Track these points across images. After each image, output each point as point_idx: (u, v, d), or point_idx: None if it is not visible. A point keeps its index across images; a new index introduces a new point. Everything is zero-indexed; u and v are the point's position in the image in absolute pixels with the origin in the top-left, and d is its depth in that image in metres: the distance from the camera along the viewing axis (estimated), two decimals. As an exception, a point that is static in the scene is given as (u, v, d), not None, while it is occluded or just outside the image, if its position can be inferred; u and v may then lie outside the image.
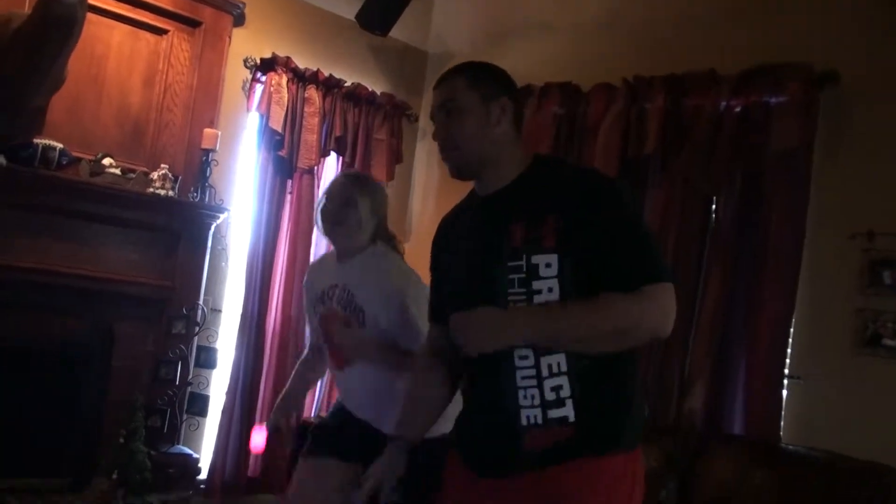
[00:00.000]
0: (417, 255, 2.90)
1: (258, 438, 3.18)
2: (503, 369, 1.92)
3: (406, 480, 2.82)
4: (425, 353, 2.32)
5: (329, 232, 2.95)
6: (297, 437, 4.29)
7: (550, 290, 1.87)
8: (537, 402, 1.90)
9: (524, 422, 1.91)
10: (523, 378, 1.90)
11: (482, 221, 2.07)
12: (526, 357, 1.90)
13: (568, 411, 1.88)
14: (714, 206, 4.29)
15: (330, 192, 2.94)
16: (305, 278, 3.22)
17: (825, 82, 3.90)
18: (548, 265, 1.87)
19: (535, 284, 1.88)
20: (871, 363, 3.72)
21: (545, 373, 1.89)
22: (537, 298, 1.88)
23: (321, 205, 2.96)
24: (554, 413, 1.89)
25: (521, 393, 1.90)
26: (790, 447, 3.70)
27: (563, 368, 1.88)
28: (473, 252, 2.05)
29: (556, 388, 1.88)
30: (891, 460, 3.37)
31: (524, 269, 1.89)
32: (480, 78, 2.05)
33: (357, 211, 2.86)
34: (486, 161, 2.03)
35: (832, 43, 3.97)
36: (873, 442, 3.56)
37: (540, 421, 1.89)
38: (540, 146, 4.64)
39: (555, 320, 1.86)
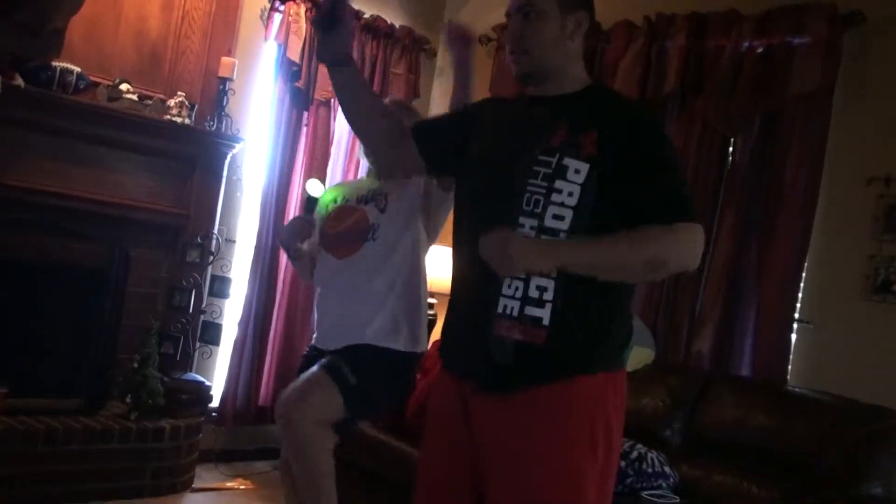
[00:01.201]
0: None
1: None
2: None
3: (376, 391, 2.92)
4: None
5: (368, 154, 3.04)
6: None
7: (570, 194, 1.89)
8: (519, 294, 1.92)
9: (500, 309, 1.93)
10: None
11: (528, 113, 2.09)
12: None
13: (544, 314, 1.90)
14: (731, 148, 4.26)
15: None
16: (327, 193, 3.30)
17: (849, 23, 3.84)
18: (577, 171, 1.90)
19: (558, 184, 1.90)
20: (881, 309, 3.72)
21: None
22: (554, 197, 1.90)
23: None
24: (530, 311, 1.91)
25: (506, 281, 1.92)
26: (795, 389, 3.72)
27: (554, 273, 1.89)
28: (509, 135, 2.07)
29: (541, 289, 1.91)
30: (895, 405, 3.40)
31: (553, 166, 1.91)
32: None
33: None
34: (552, 71, 2.04)
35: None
36: (880, 387, 3.58)
37: (515, 314, 1.92)
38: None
39: (592, 252, 1.86)
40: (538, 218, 1.91)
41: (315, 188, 3.06)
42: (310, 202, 3.05)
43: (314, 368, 2.89)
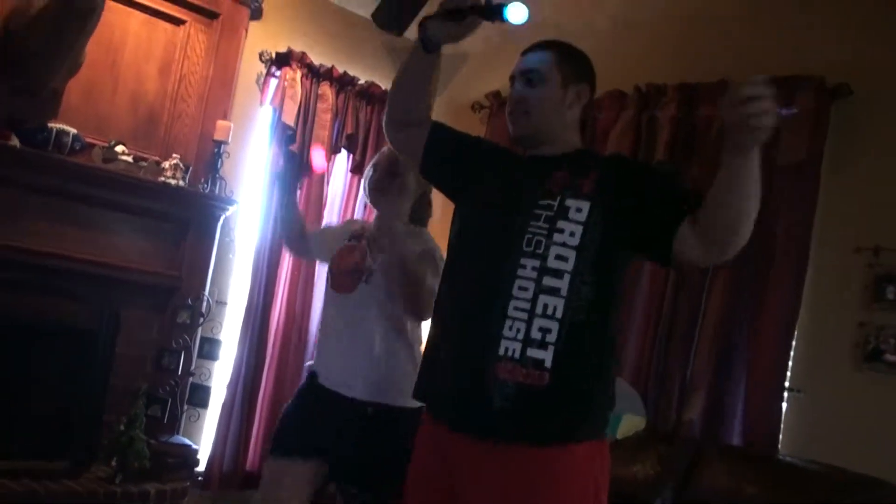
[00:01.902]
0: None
1: (319, 157, 3.07)
2: (499, 294, 1.94)
3: (376, 452, 2.86)
4: None
5: (374, 200, 3.04)
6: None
7: (573, 234, 1.92)
8: (521, 336, 1.91)
9: (501, 351, 1.92)
10: (515, 309, 1.92)
11: (528, 165, 2.13)
12: (525, 290, 1.91)
13: (547, 356, 1.89)
14: (721, 217, 4.28)
15: (377, 163, 3.04)
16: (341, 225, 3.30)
17: (836, 95, 3.91)
18: (578, 210, 1.93)
19: (560, 224, 1.93)
20: (871, 378, 3.72)
21: (539, 311, 1.91)
22: (556, 238, 1.92)
23: (368, 175, 3.06)
24: (533, 353, 1.90)
25: (507, 323, 1.92)
26: (787, 459, 3.70)
27: (558, 315, 1.90)
28: (510, 182, 2.10)
29: (545, 330, 1.90)
30: (889, 475, 3.36)
31: (554, 209, 1.94)
32: (568, 59, 2.13)
33: (401, 180, 2.95)
34: (548, 135, 2.10)
35: (844, 57, 3.98)
36: (872, 457, 3.55)
37: (517, 356, 1.90)
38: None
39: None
40: (540, 258, 1.92)
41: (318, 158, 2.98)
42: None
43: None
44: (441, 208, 3.06)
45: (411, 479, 2.18)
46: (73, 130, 4.09)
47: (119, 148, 4.25)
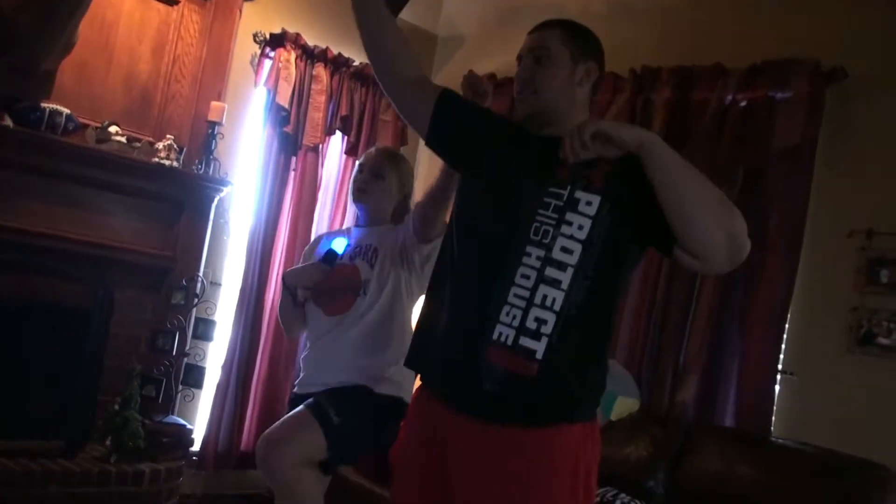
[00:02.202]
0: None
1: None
2: (501, 278, 1.92)
3: (360, 432, 2.90)
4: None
5: (358, 199, 3.14)
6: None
7: (581, 227, 1.89)
8: (516, 323, 1.90)
9: (494, 335, 1.91)
10: (515, 296, 1.91)
11: (539, 146, 2.06)
12: (527, 277, 1.90)
13: (539, 347, 1.88)
14: (715, 200, 4.29)
15: (363, 164, 3.16)
16: (319, 238, 3.37)
17: (831, 79, 3.91)
18: (588, 203, 1.90)
19: (569, 216, 1.90)
20: (864, 361, 3.73)
21: (537, 300, 1.89)
22: (564, 229, 1.89)
23: (354, 175, 3.17)
24: (525, 342, 1.89)
25: (505, 308, 1.91)
26: (779, 441, 3.72)
27: (556, 307, 1.89)
28: (518, 164, 2.06)
29: (540, 321, 1.89)
30: (880, 457, 3.39)
31: (564, 199, 1.92)
32: (576, 37, 2.09)
33: (385, 182, 3.10)
34: (557, 114, 2.06)
35: (840, 40, 3.98)
36: (864, 439, 3.58)
37: (510, 342, 1.90)
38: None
39: (676, 157, 1.84)
40: (546, 248, 1.90)
41: (340, 245, 3.10)
42: (330, 255, 3.05)
43: (298, 408, 2.87)
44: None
45: (402, 444, 2.19)
46: (66, 111, 4.07)
47: (112, 128, 4.23)
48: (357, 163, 3.23)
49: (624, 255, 1.96)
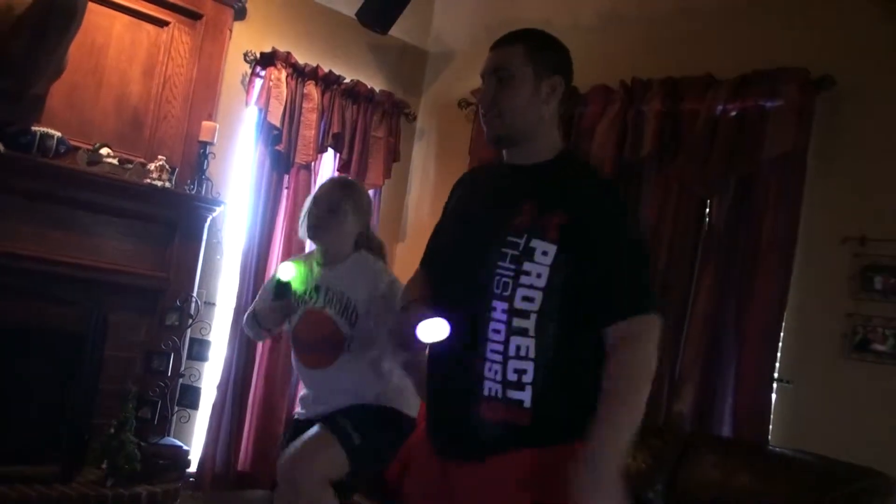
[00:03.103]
0: (413, 254, 2.91)
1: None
2: (478, 336, 1.93)
3: (381, 448, 2.91)
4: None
5: (313, 236, 3.04)
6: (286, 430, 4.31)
7: (539, 275, 1.89)
8: (499, 378, 1.90)
9: (485, 392, 1.92)
10: (492, 352, 1.91)
11: (498, 186, 2.08)
12: (498, 332, 1.90)
13: (525, 396, 1.89)
14: (708, 210, 4.31)
15: (317, 198, 3.05)
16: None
17: (821, 87, 3.92)
18: (544, 253, 1.89)
19: (526, 266, 1.89)
20: (859, 367, 3.73)
21: (511, 352, 1.90)
22: (523, 280, 1.89)
23: (307, 209, 3.07)
24: (512, 394, 1.90)
25: (487, 365, 1.91)
26: (776, 449, 3.71)
27: (531, 355, 1.89)
28: (481, 215, 2.06)
29: (520, 372, 1.89)
30: (877, 464, 3.38)
31: (520, 248, 1.90)
32: (539, 51, 2.03)
33: (341, 217, 2.98)
34: (525, 135, 2.03)
35: (828, 48, 4.00)
36: (861, 446, 3.57)
37: (499, 396, 1.91)
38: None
39: (621, 433, 1.85)
40: (508, 301, 1.90)
41: (287, 272, 3.01)
42: (281, 287, 3.00)
43: (315, 428, 2.88)
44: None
45: (411, 479, 2.21)
46: (57, 133, 4.07)
47: (104, 150, 4.23)
48: (312, 196, 3.14)
49: (584, 298, 1.92)
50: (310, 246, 3.22)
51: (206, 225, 4.64)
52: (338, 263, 3.04)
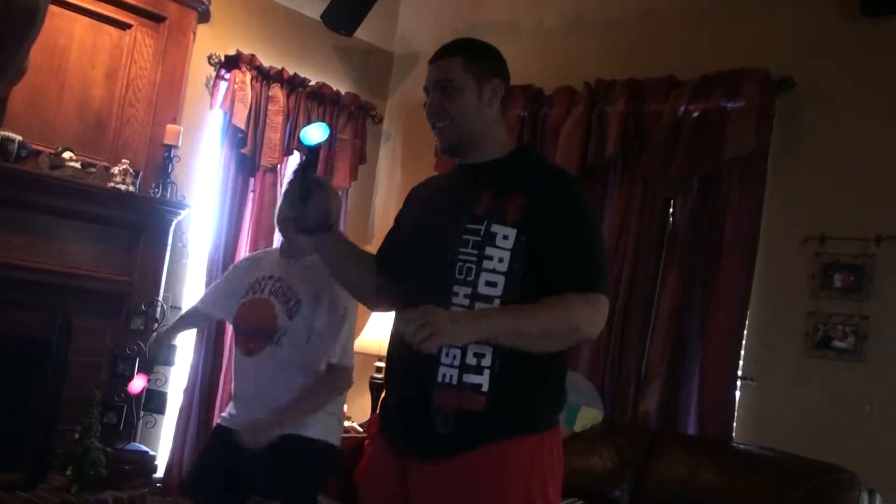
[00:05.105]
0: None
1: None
2: None
3: (291, 480, 2.91)
4: None
5: (283, 229, 3.02)
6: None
7: (501, 260, 1.93)
8: (457, 362, 1.94)
9: (440, 378, 1.95)
10: None
11: (454, 184, 2.16)
12: None
13: (483, 380, 1.93)
14: (672, 209, 4.35)
15: (287, 192, 2.99)
16: (243, 261, 3.36)
17: (781, 88, 3.98)
18: (505, 237, 1.94)
19: (488, 251, 1.94)
20: (821, 365, 3.80)
21: None
22: (486, 264, 1.93)
23: (280, 205, 3.01)
24: (469, 378, 1.93)
25: (444, 350, 1.93)
26: (741, 446, 3.77)
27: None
28: (437, 209, 2.12)
29: (479, 356, 1.93)
30: (839, 459, 3.44)
31: (481, 234, 1.95)
32: (476, 59, 2.12)
33: None
34: (476, 139, 2.10)
35: (788, 50, 4.07)
36: (822, 441, 3.64)
37: (454, 382, 1.93)
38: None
39: (515, 322, 1.89)
40: (471, 286, 1.94)
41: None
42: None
43: None
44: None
45: (366, 479, 2.22)
46: (18, 137, 4.02)
47: (66, 154, 4.19)
48: (283, 193, 3.15)
49: (546, 281, 1.96)
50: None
51: (172, 229, 4.60)
52: (299, 258, 3.03)
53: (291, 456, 2.84)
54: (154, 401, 4.60)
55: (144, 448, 4.48)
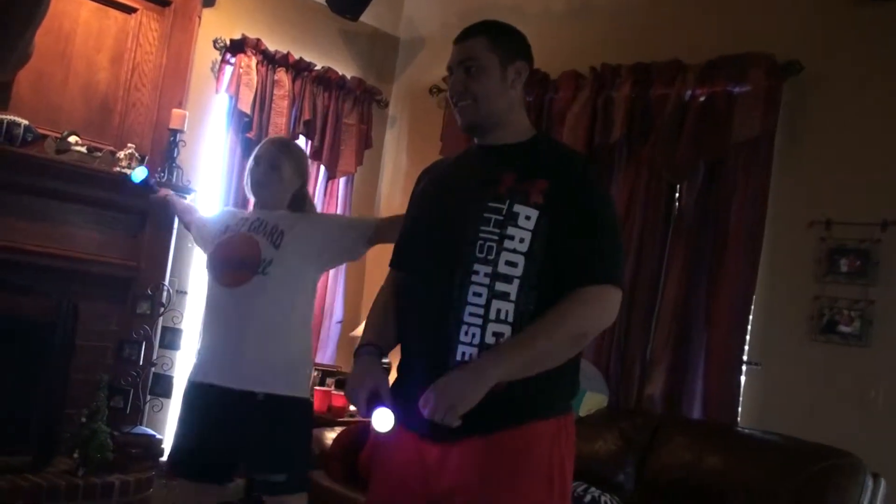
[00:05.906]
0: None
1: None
2: (454, 300, 1.94)
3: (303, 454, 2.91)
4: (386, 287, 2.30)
5: (256, 192, 3.10)
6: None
7: (522, 240, 1.92)
8: (476, 341, 1.92)
9: (458, 356, 1.93)
10: (470, 315, 1.92)
11: (473, 163, 2.15)
12: (479, 295, 1.92)
13: None
14: (677, 194, 4.34)
15: (258, 157, 3.11)
16: (215, 215, 3.38)
17: (787, 73, 3.96)
18: (527, 217, 1.93)
19: (510, 230, 1.93)
20: (827, 350, 3.80)
21: (492, 316, 1.91)
22: (507, 244, 1.92)
23: (251, 167, 3.13)
24: None
25: (463, 328, 1.92)
26: (745, 430, 3.77)
27: (510, 319, 1.91)
28: (456, 187, 2.11)
29: (498, 335, 1.91)
30: (843, 443, 3.43)
31: (503, 213, 1.94)
32: (501, 40, 2.12)
33: (281, 173, 3.05)
34: (498, 120, 2.10)
35: (795, 34, 4.05)
36: (828, 426, 3.64)
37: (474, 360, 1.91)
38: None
39: (520, 357, 1.88)
40: (492, 265, 1.92)
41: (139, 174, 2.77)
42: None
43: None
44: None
45: (379, 462, 2.19)
46: (24, 122, 4.03)
47: (72, 138, 4.20)
48: (253, 155, 3.15)
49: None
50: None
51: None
52: (272, 210, 3.04)
53: (284, 420, 2.84)
54: (160, 385, 4.61)
55: (151, 432, 4.51)
